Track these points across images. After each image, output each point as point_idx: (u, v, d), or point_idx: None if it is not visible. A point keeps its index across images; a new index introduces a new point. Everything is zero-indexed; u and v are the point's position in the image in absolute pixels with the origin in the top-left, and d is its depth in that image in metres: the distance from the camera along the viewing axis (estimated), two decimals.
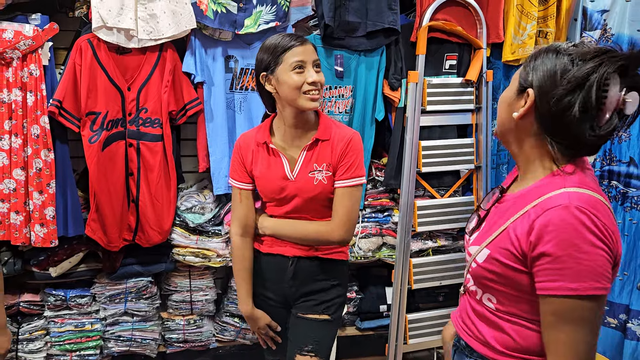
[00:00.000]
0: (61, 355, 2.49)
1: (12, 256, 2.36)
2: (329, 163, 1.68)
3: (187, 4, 2.30)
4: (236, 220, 1.79)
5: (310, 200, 1.70)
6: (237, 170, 1.76)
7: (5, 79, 2.20)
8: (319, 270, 1.77)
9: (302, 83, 1.59)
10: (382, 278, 2.96)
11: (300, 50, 1.61)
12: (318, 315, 1.80)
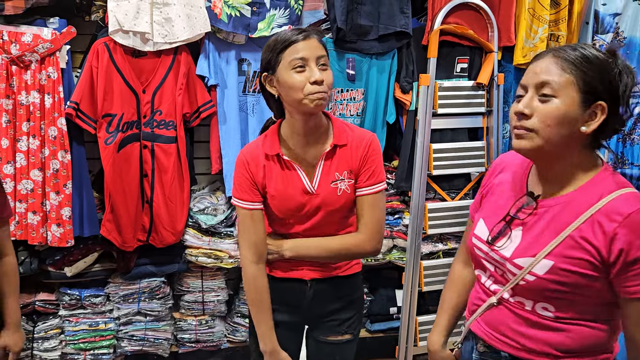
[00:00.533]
0: (75, 354, 2.52)
1: (29, 256, 2.40)
2: (350, 170, 1.52)
3: (201, 8, 2.34)
4: (249, 246, 1.55)
5: (333, 213, 1.55)
6: (246, 189, 1.53)
7: (23, 81, 2.24)
8: (339, 288, 1.67)
9: (305, 83, 1.39)
10: (392, 280, 2.97)
11: (301, 45, 1.40)
12: (341, 337, 1.71)
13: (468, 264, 1.43)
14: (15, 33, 2.22)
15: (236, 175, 1.57)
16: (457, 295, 1.45)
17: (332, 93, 2.63)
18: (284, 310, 1.67)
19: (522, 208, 1.18)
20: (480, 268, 1.30)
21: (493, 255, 1.22)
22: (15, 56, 2.20)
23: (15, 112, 2.26)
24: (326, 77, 1.42)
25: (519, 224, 1.18)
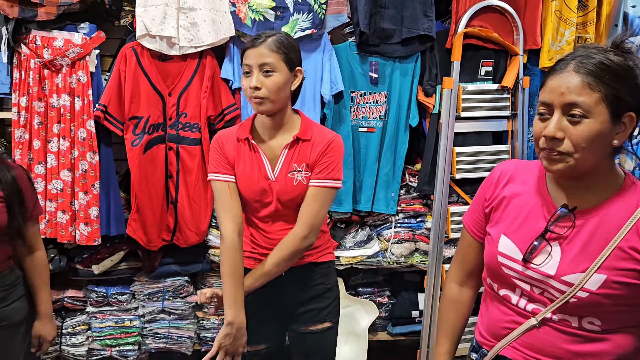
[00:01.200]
0: (101, 350, 2.59)
1: (58, 253, 2.47)
2: (307, 163, 1.63)
3: (226, 12, 2.38)
4: (229, 217, 1.60)
5: (289, 202, 1.65)
6: (220, 163, 1.65)
7: (55, 84, 2.32)
8: (313, 275, 1.74)
9: (246, 87, 1.56)
10: (414, 284, 2.96)
11: (249, 53, 1.56)
12: (321, 325, 1.78)
13: (465, 284, 1.37)
14: (47, 38, 2.30)
15: (211, 153, 1.68)
16: (456, 318, 1.38)
17: (355, 96, 2.65)
18: (259, 301, 1.70)
19: (555, 221, 1.12)
20: (509, 288, 1.20)
21: (530, 274, 1.14)
22: (47, 60, 2.28)
23: (47, 114, 2.34)
24: (267, 82, 1.54)
25: (556, 238, 1.12)
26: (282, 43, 1.56)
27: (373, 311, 2.83)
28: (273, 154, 1.65)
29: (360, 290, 2.90)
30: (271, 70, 1.54)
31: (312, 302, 1.76)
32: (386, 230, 2.80)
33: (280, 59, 1.55)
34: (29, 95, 2.31)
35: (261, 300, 1.72)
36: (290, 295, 1.74)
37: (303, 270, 1.72)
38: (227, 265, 1.60)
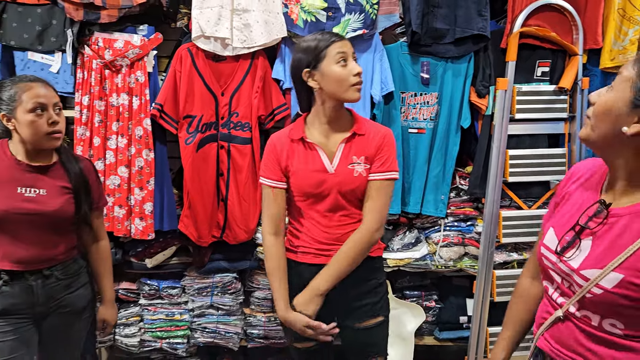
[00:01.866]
0: (152, 342, 2.67)
1: (114, 246, 2.56)
2: (366, 156, 1.70)
3: (279, 13, 2.41)
4: (269, 219, 1.75)
5: (349, 194, 1.70)
6: (271, 168, 1.74)
7: (115, 84, 2.41)
8: (366, 270, 1.77)
9: (348, 75, 1.62)
10: (463, 289, 2.90)
11: (340, 44, 1.64)
12: (375, 319, 1.81)
13: (537, 278, 1.39)
14: (109, 40, 2.40)
15: (265, 156, 1.77)
16: (523, 310, 1.42)
17: (406, 97, 2.63)
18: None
19: (592, 217, 1.13)
20: (548, 279, 1.25)
21: (561, 266, 1.17)
22: (108, 61, 2.38)
23: (107, 113, 2.44)
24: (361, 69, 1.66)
25: (589, 234, 1.13)
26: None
27: (420, 315, 2.79)
28: (329, 149, 1.71)
29: (407, 293, 2.86)
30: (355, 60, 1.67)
31: (366, 297, 1.79)
32: (435, 233, 2.76)
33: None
34: (91, 95, 2.41)
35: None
36: (344, 291, 1.75)
37: (360, 266, 1.74)
38: (270, 261, 1.76)
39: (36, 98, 1.70)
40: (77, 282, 1.90)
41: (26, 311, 1.80)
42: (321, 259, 1.74)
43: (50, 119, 1.72)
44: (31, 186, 1.75)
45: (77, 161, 1.87)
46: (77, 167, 1.85)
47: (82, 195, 1.84)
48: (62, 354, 1.95)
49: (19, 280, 1.77)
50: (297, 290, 1.76)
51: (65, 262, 1.86)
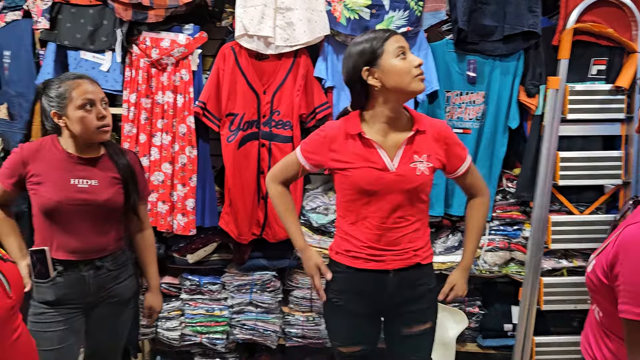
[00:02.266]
0: (192, 336, 2.71)
1: (158, 241, 2.61)
2: (429, 154, 1.67)
3: (322, 11, 2.40)
4: (281, 177, 1.82)
5: (410, 192, 1.66)
6: (314, 152, 1.73)
7: (160, 82, 2.47)
8: (418, 276, 1.74)
9: (410, 67, 1.59)
10: (508, 295, 2.80)
11: (397, 38, 1.62)
12: (424, 326, 1.78)
13: None
14: (155, 39, 2.45)
15: (313, 138, 1.75)
16: None
17: (451, 96, 2.56)
18: (362, 302, 1.74)
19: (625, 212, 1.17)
20: None
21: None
22: (154, 60, 2.43)
23: (152, 111, 2.49)
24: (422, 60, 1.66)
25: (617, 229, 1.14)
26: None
27: (462, 321, 2.71)
28: (389, 146, 1.67)
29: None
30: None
31: (416, 303, 1.76)
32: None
33: None
34: (138, 93, 2.47)
35: (362, 301, 1.73)
36: (395, 297, 1.73)
37: (410, 272, 1.72)
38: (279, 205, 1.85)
39: (85, 94, 1.77)
40: (125, 274, 1.97)
41: (77, 301, 1.86)
42: (371, 264, 1.71)
43: (99, 114, 1.79)
44: (83, 177, 1.82)
45: (123, 153, 1.93)
46: (124, 159, 1.92)
47: (131, 185, 1.91)
48: (108, 344, 2.02)
49: (72, 271, 1.84)
50: (345, 294, 1.74)
51: (115, 253, 1.93)
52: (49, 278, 1.81)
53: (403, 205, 1.67)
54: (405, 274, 1.72)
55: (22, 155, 1.81)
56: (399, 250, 1.70)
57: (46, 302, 1.83)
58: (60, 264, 1.83)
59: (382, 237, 1.69)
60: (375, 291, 1.73)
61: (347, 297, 1.74)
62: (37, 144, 1.85)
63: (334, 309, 1.80)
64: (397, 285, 1.71)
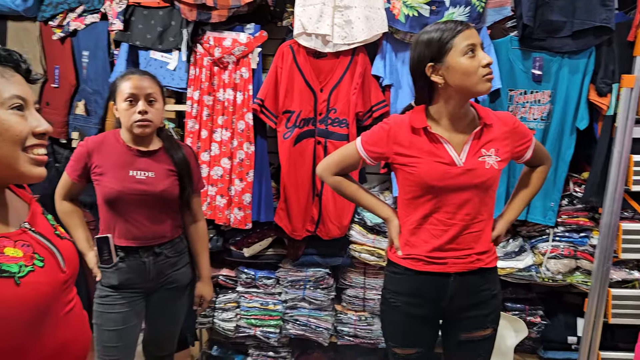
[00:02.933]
0: (247, 328, 2.77)
1: (216, 234, 2.71)
2: (497, 148, 1.60)
3: (380, 9, 2.39)
4: (336, 169, 1.72)
5: (479, 188, 1.58)
6: (379, 143, 1.64)
7: (222, 80, 2.55)
8: (481, 281, 1.67)
9: (477, 67, 1.49)
10: (573, 306, 2.66)
11: (468, 33, 1.51)
12: (483, 332, 1.71)
13: None
14: (218, 38, 2.54)
15: (375, 130, 1.67)
16: None
17: (514, 95, 2.46)
18: (419, 305, 1.68)
19: None
20: None
21: None
22: (216, 58, 2.52)
23: (214, 107, 2.58)
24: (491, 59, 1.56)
25: None
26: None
27: (522, 330, 2.59)
28: (456, 141, 1.60)
29: (509, 305, 2.67)
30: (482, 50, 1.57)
31: (477, 308, 1.69)
32: (542, 243, 2.54)
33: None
34: (201, 90, 2.57)
35: (420, 304, 1.69)
36: (455, 301, 1.67)
37: (473, 276, 1.66)
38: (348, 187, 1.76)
39: (128, 89, 1.86)
40: (182, 261, 2.06)
41: (139, 286, 1.97)
42: (432, 267, 1.64)
43: (139, 109, 1.86)
44: (142, 169, 1.92)
45: (179, 147, 2.01)
46: (180, 152, 2.00)
47: (186, 178, 1.99)
48: (166, 326, 2.11)
49: (133, 257, 1.94)
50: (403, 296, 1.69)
51: (173, 241, 2.02)
52: (113, 264, 1.93)
53: (471, 201, 1.59)
54: (466, 278, 1.64)
55: (87, 148, 1.94)
56: (462, 253, 1.63)
57: (111, 286, 1.95)
58: (122, 250, 1.94)
59: (446, 237, 1.62)
60: (435, 295, 1.66)
61: (405, 299, 1.68)
62: (100, 137, 1.98)
63: (390, 309, 1.73)
64: (457, 289, 1.64)
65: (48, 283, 1.02)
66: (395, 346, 1.77)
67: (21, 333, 0.98)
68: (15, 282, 0.95)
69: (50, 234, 1.10)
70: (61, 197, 2.01)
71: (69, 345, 1.09)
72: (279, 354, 2.84)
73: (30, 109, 1.02)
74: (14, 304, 0.95)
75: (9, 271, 0.94)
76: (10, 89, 0.98)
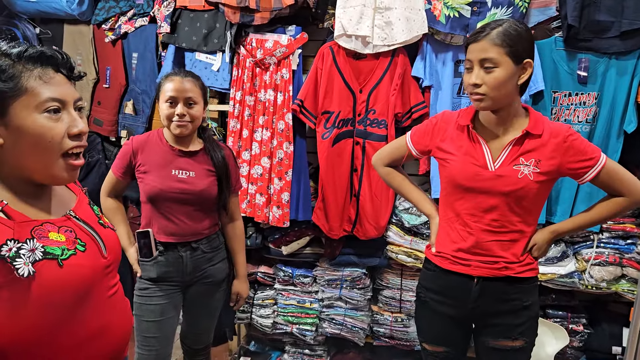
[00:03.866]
0: (284, 325, 2.81)
1: (255, 231, 2.77)
2: (538, 159, 1.54)
3: (420, 10, 2.38)
4: (387, 159, 1.83)
5: (510, 197, 1.55)
6: (425, 136, 1.72)
7: (263, 81, 2.61)
8: (509, 290, 1.63)
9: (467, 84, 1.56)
10: (619, 315, 2.56)
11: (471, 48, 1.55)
12: (512, 343, 1.66)
13: None
14: (260, 40, 2.59)
15: (425, 123, 1.76)
16: None
17: (558, 96, 2.41)
18: (449, 303, 1.70)
19: None
20: None
21: None
22: (258, 60, 2.57)
23: (255, 108, 2.64)
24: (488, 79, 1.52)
25: None
26: (508, 35, 1.48)
27: (563, 338, 2.52)
28: (495, 146, 1.59)
29: (550, 312, 2.61)
30: (492, 66, 1.49)
31: (506, 317, 1.66)
32: (586, 249, 2.47)
33: (504, 53, 1.48)
34: (243, 91, 2.64)
35: (445, 303, 1.71)
36: (481, 305, 1.66)
37: (500, 284, 1.64)
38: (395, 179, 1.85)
39: (170, 92, 1.93)
40: (218, 257, 2.12)
41: (176, 279, 2.04)
42: (457, 267, 1.66)
43: (177, 112, 1.92)
44: (183, 169, 1.99)
45: (220, 149, 2.07)
46: (220, 154, 2.06)
47: (224, 179, 2.04)
48: (202, 319, 2.18)
49: (172, 252, 2.02)
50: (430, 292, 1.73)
51: (210, 237, 2.08)
52: (152, 257, 2.01)
53: (499, 208, 1.57)
54: (491, 284, 1.63)
55: (132, 147, 2.02)
56: (489, 259, 1.62)
57: (150, 278, 2.03)
58: (161, 245, 2.01)
59: (471, 240, 1.62)
60: (458, 296, 1.67)
61: (432, 295, 1.73)
62: (145, 137, 2.06)
63: (420, 303, 1.79)
64: (481, 294, 1.64)
65: (89, 266, 1.09)
66: (424, 341, 1.81)
67: (64, 312, 1.05)
68: (59, 264, 1.02)
69: (94, 222, 1.17)
70: (106, 194, 2.11)
71: (110, 328, 1.15)
72: (315, 352, 2.87)
73: (68, 109, 1.04)
74: (57, 284, 1.01)
75: (53, 253, 1.01)
76: (46, 92, 1.01)
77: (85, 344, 1.10)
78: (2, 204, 0.99)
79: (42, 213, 1.07)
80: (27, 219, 1.02)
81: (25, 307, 0.98)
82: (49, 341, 1.04)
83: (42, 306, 1.00)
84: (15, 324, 0.98)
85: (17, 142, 1.00)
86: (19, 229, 0.99)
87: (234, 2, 2.50)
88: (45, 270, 0.99)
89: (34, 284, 0.97)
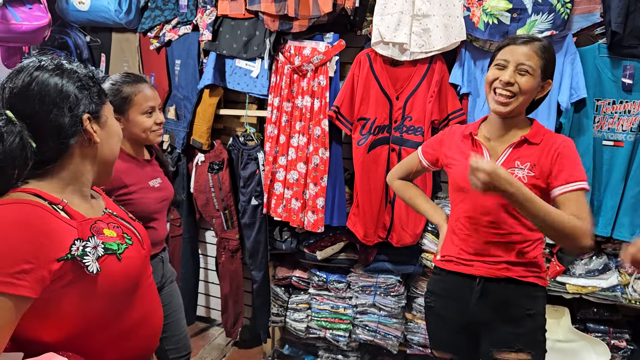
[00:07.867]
0: (317, 330, 2.83)
1: (291, 236, 2.80)
2: (533, 164, 1.56)
3: (458, 17, 2.37)
4: (397, 173, 1.94)
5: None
6: (434, 146, 1.82)
7: (300, 87, 2.64)
8: (511, 294, 1.62)
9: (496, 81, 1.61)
10: None
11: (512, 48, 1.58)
12: (515, 354, 1.61)
13: None
14: (298, 47, 2.63)
15: (435, 135, 1.86)
16: None
17: (601, 104, 2.34)
18: (448, 307, 1.72)
19: None
20: None
21: None
22: (296, 66, 2.61)
23: (292, 114, 2.68)
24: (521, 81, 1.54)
25: None
26: (548, 51, 1.57)
27: (604, 353, 2.44)
28: (495, 151, 1.65)
29: (591, 326, 2.53)
30: (527, 72, 1.54)
31: (507, 324, 1.63)
32: None
33: (539, 65, 1.54)
34: (281, 97, 2.68)
35: (448, 306, 1.73)
36: (482, 308, 1.65)
37: (500, 284, 1.63)
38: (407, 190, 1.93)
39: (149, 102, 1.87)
40: (167, 254, 2.07)
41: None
42: (460, 268, 1.69)
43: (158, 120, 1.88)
44: (153, 177, 1.93)
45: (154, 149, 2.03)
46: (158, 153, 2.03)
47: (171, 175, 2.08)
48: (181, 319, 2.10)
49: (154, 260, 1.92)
50: (434, 296, 1.77)
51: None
52: None
53: (495, 210, 1.60)
54: (493, 285, 1.63)
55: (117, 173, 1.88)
56: (490, 259, 1.64)
57: None
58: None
59: (472, 241, 1.66)
60: (460, 296, 1.68)
61: (436, 299, 1.77)
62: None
63: (427, 309, 1.83)
64: (481, 294, 1.64)
65: (138, 257, 1.18)
66: (433, 347, 1.83)
67: (122, 302, 1.13)
68: (117, 258, 1.10)
69: (126, 217, 1.24)
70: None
71: (150, 315, 1.24)
72: (348, 357, 2.88)
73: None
74: (118, 276, 1.10)
75: (112, 249, 1.10)
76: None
77: (137, 327, 1.18)
78: (63, 203, 1.06)
79: (91, 211, 1.14)
80: (85, 218, 1.09)
81: (93, 299, 1.06)
82: (112, 326, 1.12)
83: (106, 297, 1.08)
84: (85, 314, 1.06)
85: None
86: (81, 228, 1.06)
87: (274, 11, 2.55)
88: (108, 265, 1.07)
89: (100, 278, 1.05)
